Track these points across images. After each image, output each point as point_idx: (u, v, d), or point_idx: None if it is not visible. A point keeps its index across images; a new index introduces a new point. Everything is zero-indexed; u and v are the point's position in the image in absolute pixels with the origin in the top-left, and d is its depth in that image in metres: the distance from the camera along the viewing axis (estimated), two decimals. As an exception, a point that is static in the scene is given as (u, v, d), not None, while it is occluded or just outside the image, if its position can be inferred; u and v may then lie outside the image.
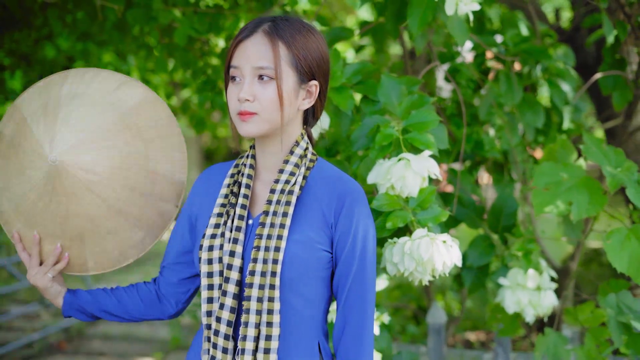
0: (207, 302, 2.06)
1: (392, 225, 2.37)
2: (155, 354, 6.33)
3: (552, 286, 3.07)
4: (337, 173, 2.13)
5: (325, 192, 2.07)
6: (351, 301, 2.07)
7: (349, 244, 2.05)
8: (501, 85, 3.38)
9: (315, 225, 2.05)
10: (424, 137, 2.49)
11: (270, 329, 2.00)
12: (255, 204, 2.13)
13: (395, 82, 2.65)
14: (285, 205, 2.04)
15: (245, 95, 2.00)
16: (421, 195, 2.43)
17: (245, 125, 2.03)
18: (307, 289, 2.05)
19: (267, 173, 2.14)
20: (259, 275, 1.99)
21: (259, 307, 2.00)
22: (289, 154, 2.10)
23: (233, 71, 2.04)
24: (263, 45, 2.01)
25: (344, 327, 2.07)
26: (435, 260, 2.33)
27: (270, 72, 2.00)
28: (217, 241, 2.06)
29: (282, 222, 2.02)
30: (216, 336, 2.03)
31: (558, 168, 2.82)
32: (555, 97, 3.54)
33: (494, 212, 3.18)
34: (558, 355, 3.03)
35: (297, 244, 2.02)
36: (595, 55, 4.83)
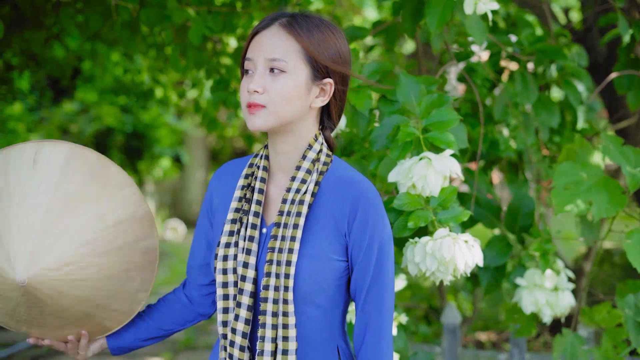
0: (223, 312, 2.03)
1: (414, 224, 2.36)
2: (164, 354, 6.33)
3: (569, 286, 3.05)
4: (349, 174, 2.07)
5: (337, 199, 2.02)
6: (370, 306, 2.03)
7: (365, 250, 2.00)
8: (517, 84, 3.37)
9: (329, 235, 2.00)
10: (444, 136, 2.47)
11: (286, 344, 1.97)
12: (269, 209, 2.08)
13: (414, 82, 2.63)
14: (295, 217, 1.99)
15: (255, 86, 1.96)
16: (442, 194, 2.42)
17: (253, 119, 1.98)
18: (323, 299, 2.02)
19: (281, 175, 2.09)
20: (273, 290, 1.96)
21: (275, 322, 1.97)
22: (302, 159, 2.05)
23: (247, 64, 2.01)
24: (277, 37, 1.98)
25: (364, 334, 2.03)
26: (457, 260, 2.32)
27: (282, 64, 1.96)
28: (231, 251, 2.03)
29: (293, 235, 1.97)
30: (232, 347, 2.01)
31: (577, 168, 2.80)
32: (570, 96, 3.52)
33: (510, 212, 3.16)
34: (576, 356, 3.01)
35: (310, 258, 1.97)
36: (607, 55, 4.81)
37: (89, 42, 5.80)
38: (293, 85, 1.97)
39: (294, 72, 1.97)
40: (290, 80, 1.97)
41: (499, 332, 5.69)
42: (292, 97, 1.98)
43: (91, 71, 7.79)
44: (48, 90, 9.34)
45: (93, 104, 10.24)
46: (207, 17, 3.54)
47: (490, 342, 5.46)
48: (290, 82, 1.97)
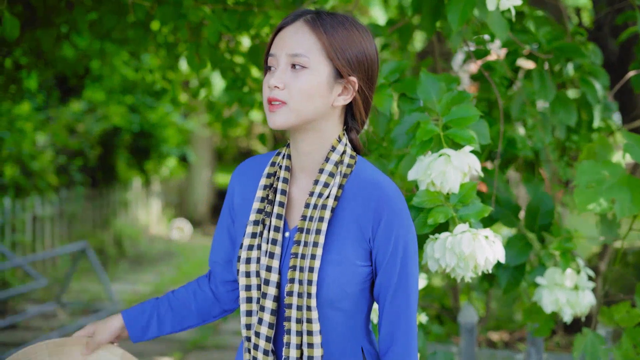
0: (246, 315, 2.02)
1: (434, 221, 2.34)
2: (174, 354, 6.31)
3: (589, 285, 3.04)
4: (374, 177, 2.03)
5: (361, 203, 1.99)
6: (395, 310, 2.01)
7: (390, 255, 1.98)
8: (535, 83, 3.35)
9: (353, 240, 1.98)
10: (465, 133, 2.46)
11: (312, 350, 1.95)
12: (291, 211, 2.06)
13: (435, 80, 2.62)
14: (318, 222, 1.96)
15: (276, 82, 1.93)
16: (462, 190, 2.40)
17: (273, 116, 1.96)
18: (347, 304, 2.00)
19: (303, 176, 2.06)
20: (297, 296, 1.94)
21: (299, 328, 1.95)
22: (325, 162, 2.01)
23: (270, 60, 1.99)
24: (300, 32, 1.96)
25: (391, 338, 2.02)
26: (477, 255, 2.30)
27: (303, 60, 1.93)
28: (254, 253, 2.00)
29: (316, 241, 1.94)
30: (256, 350, 1.99)
31: (599, 166, 2.79)
32: (589, 95, 3.50)
33: (530, 211, 3.15)
34: (596, 355, 3.00)
35: (333, 265, 1.95)
36: (619, 54, 4.80)
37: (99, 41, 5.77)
38: (314, 81, 1.95)
39: (315, 69, 1.94)
40: (311, 76, 1.94)
41: (511, 332, 5.68)
42: (313, 94, 1.95)
43: (99, 70, 7.78)
44: (55, 90, 9.34)
45: (100, 104, 10.23)
46: (223, 15, 3.52)
47: (502, 341, 5.45)
48: (312, 78, 1.94)
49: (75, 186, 10.12)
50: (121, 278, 9.36)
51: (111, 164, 11.04)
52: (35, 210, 8.94)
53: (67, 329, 6.72)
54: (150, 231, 12.35)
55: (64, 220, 9.80)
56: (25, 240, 8.71)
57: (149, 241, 11.84)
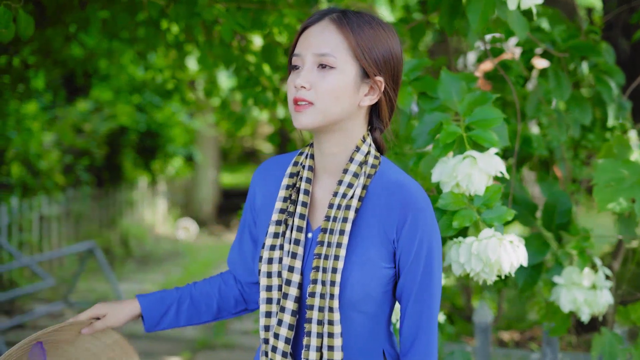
0: (265, 316, 1.99)
1: (459, 224, 2.33)
2: (183, 353, 6.31)
3: (607, 284, 3.03)
4: (398, 178, 2.01)
5: (385, 204, 1.97)
6: (417, 312, 2.00)
7: (413, 257, 1.96)
8: (550, 81, 3.34)
9: (376, 241, 1.96)
10: (487, 135, 2.45)
11: (332, 353, 1.93)
12: (314, 212, 2.04)
13: (456, 79, 2.61)
14: (342, 222, 1.94)
15: (302, 82, 1.91)
16: (487, 193, 2.39)
17: (299, 117, 1.93)
18: (370, 306, 1.98)
19: (326, 176, 2.04)
20: (319, 297, 1.92)
21: (320, 330, 1.93)
22: (349, 162, 1.99)
23: (295, 59, 1.97)
24: (327, 32, 1.93)
25: (412, 340, 2.00)
26: (503, 260, 2.30)
27: (330, 60, 1.91)
28: (276, 254, 1.99)
29: (339, 241, 1.92)
30: (274, 352, 1.97)
31: (618, 165, 2.78)
32: (604, 94, 3.49)
33: (547, 210, 3.13)
34: (614, 355, 2.99)
35: (357, 266, 1.93)
36: (630, 53, 4.79)
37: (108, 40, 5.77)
38: (342, 82, 1.92)
39: (342, 69, 1.92)
40: (338, 76, 1.92)
41: (522, 332, 5.67)
42: (340, 95, 1.93)
43: (107, 70, 7.78)
44: (62, 89, 9.34)
45: (107, 103, 10.23)
46: (237, 13, 3.51)
47: (513, 341, 5.44)
48: (339, 78, 1.92)
49: (82, 186, 10.12)
50: (128, 278, 9.36)
51: (117, 164, 11.04)
52: (42, 210, 8.94)
53: (75, 329, 6.71)
54: (156, 231, 12.35)
55: (71, 219, 9.79)
56: (32, 240, 8.70)
57: (155, 241, 11.83)
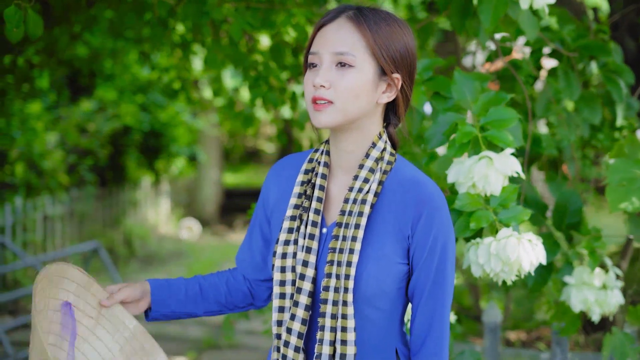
0: (278, 312, 1.99)
1: (476, 225, 2.34)
2: (188, 353, 6.31)
3: (618, 284, 3.03)
4: (414, 175, 2.02)
5: (401, 200, 1.97)
6: (429, 310, 1.99)
7: (427, 254, 1.96)
8: (560, 81, 3.34)
9: (391, 238, 1.96)
10: (503, 135, 2.45)
11: (345, 347, 1.93)
12: (329, 208, 2.04)
13: (469, 79, 2.61)
14: (357, 217, 1.94)
15: (321, 81, 1.91)
16: (503, 194, 2.39)
17: (318, 115, 1.94)
18: (384, 302, 1.98)
19: (342, 173, 2.04)
20: (333, 291, 1.92)
21: (334, 324, 1.93)
22: (365, 157, 2.00)
23: (312, 57, 1.96)
24: (345, 30, 1.93)
25: (424, 338, 2.00)
26: (522, 260, 2.31)
27: (350, 58, 1.91)
28: (291, 248, 1.99)
29: (354, 235, 1.93)
30: (286, 347, 1.96)
31: (630, 164, 2.77)
32: (614, 93, 3.49)
33: (558, 210, 3.14)
34: (625, 355, 2.99)
35: (372, 260, 1.94)
36: (636, 53, 4.79)
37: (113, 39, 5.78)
38: (361, 80, 1.93)
39: (361, 67, 1.92)
40: (358, 75, 1.92)
41: (528, 332, 5.66)
42: (359, 93, 1.93)
43: (111, 69, 7.78)
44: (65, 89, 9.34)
45: (111, 103, 10.23)
46: (246, 13, 3.51)
47: (520, 341, 5.44)
48: (358, 77, 1.92)
49: (86, 186, 10.11)
50: (132, 278, 9.35)
51: (121, 164, 11.03)
52: (46, 210, 8.94)
53: (80, 329, 6.71)
54: (159, 231, 12.34)
55: (74, 219, 9.79)
56: (36, 240, 8.69)
57: (158, 241, 11.83)
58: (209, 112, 12.23)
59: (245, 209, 16.14)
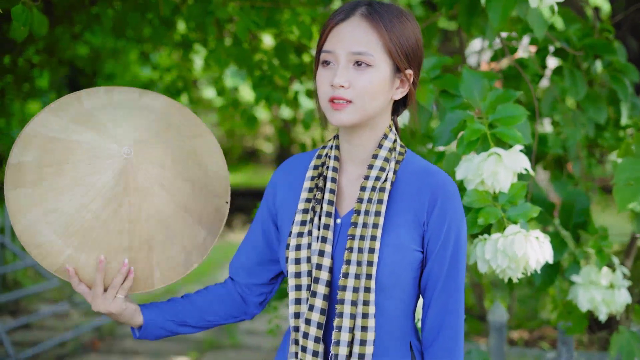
0: (295, 304, 1.98)
1: (484, 221, 2.34)
2: (190, 353, 6.30)
3: (625, 284, 3.03)
4: (427, 165, 2.04)
5: (415, 188, 1.99)
6: (443, 299, 1.99)
7: (442, 241, 1.97)
8: (566, 80, 3.34)
9: (407, 224, 1.97)
10: (511, 132, 2.45)
11: (365, 334, 1.93)
12: (341, 200, 2.04)
13: (478, 77, 2.61)
14: (377, 204, 1.95)
15: (340, 81, 1.91)
16: (512, 190, 2.39)
17: (338, 115, 1.94)
18: (400, 292, 1.98)
19: (352, 166, 2.05)
20: (353, 278, 1.92)
21: (353, 311, 1.93)
22: (378, 148, 2.01)
23: (326, 56, 1.96)
24: (361, 29, 1.93)
25: (439, 328, 2.00)
26: (529, 256, 2.31)
27: (367, 58, 1.92)
28: (305, 240, 1.99)
29: (375, 222, 1.94)
30: (305, 339, 1.96)
31: (638, 163, 2.77)
32: (619, 92, 3.49)
33: (565, 209, 3.14)
34: (632, 353, 2.99)
35: (391, 248, 1.94)
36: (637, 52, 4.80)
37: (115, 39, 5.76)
38: (378, 79, 1.94)
39: (379, 66, 1.94)
40: (376, 74, 1.93)
41: (531, 331, 5.66)
42: (377, 92, 1.95)
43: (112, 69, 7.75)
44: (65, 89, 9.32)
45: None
46: (251, 12, 3.50)
47: (522, 340, 5.43)
48: (376, 76, 1.94)
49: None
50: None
51: (120, 163, 11.00)
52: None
53: (81, 329, 6.71)
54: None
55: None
56: (36, 240, 8.67)
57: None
58: (208, 111, 12.21)
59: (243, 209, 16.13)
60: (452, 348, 2.00)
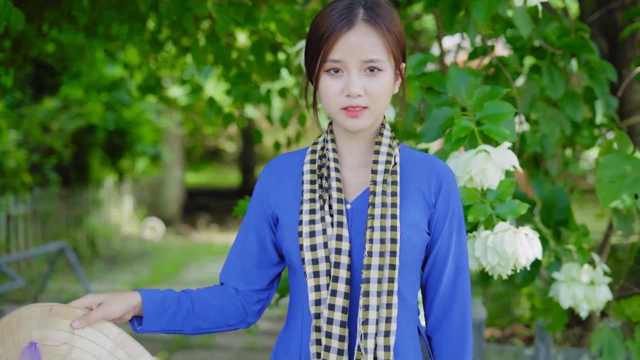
0: (315, 291, 1.98)
1: (474, 219, 2.35)
2: (159, 353, 6.24)
3: (605, 280, 3.05)
4: (425, 154, 2.11)
5: (419, 172, 2.05)
6: (451, 282, 2.06)
7: (448, 222, 2.04)
8: (544, 78, 3.36)
9: (418, 206, 2.02)
10: (499, 129, 2.46)
11: (390, 311, 1.95)
12: (344, 189, 2.06)
13: (464, 74, 2.61)
14: (392, 185, 2.00)
15: (357, 90, 1.94)
16: (500, 187, 2.40)
17: (355, 121, 1.98)
18: (411, 272, 2.03)
19: (350, 157, 2.08)
20: (378, 256, 1.94)
21: (379, 289, 1.94)
22: (379, 136, 2.06)
23: (334, 64, 1.96)
24: (369, 37, 1.95)
25: (444, 313, 2.05)
26: (519, 253, 2.32)
27: (379, 64, 1.95)
28: (319, 226, 1.99)
29: (393, 202, 1.99)
30: (330, 324, 1.94)
31: (621, 161, 2.79)
32: (596, 90, 3.52)
33: (546, 207, 3.15)
34: (613, 350, 3.01)
35: (407, 226, 1.99)
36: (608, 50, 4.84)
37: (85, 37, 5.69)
38: (389, 81, 1.99)
39: (387, 68, 1.98)
40: (386, 76, 1.98)
41: (502, 329, 5.70)
42: (389, 93, 2.01)
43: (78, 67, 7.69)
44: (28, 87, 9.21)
45: (75, 101, 10.11)
46: (229, 9, 3.48)
47: (494, 338, 5.47)
48: (387, 78, 1.98)
49: (49, 185, 9.99)
50: (97, 278, 9.26)
51: (85, 163, 10.92)
52: (9, 210, 8.81)
53: (48, 330, 6.62)
54: (122, 230, 12.24)
55: (38, 219, 9.66)
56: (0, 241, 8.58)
57: (122, 240, 11.73)
58: (173, 111, 12.15)
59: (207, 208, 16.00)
60: (461, 329, 2.06)
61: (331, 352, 1.94)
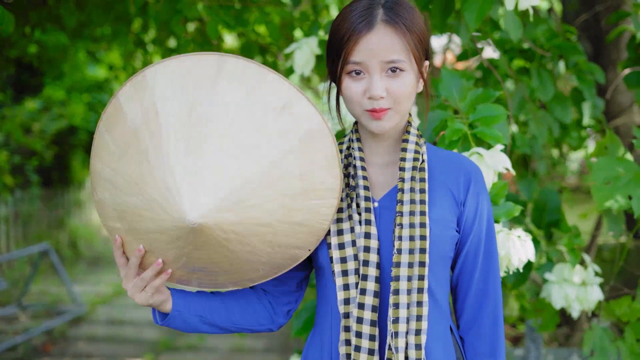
0: (344, 289, 1.95)
1: (469, 221, 2.35)
2: (146, 355, 6.23)
3: (597, 281, 3.06)
4: (453, 152, 2.12)
5: (448, 170, 2.05)
6: (483, 279, 2.06)
7: (477, 220, 2.04)
8: (534, 80, 3.37)
9: (446, 203, 2.02)
10: (492, 131, 2.46)
11: (420, 309, 1.93)
12: (371, 188, 2.06)
13: (456, 76, 2.62)
14: (420, 182, 2.00)
15: (379, 92, 1.93)
16: (493, 190, 2.41)
17: (381, 123, 1.97)
18: (441, 270, 2.02)
19: (376, 156, 2.09)
20: (407, 253, 1.93)
21: (409, 287, 1.93)
22: (406, 134, 2.06)
23: (354, 66, 1.95)
24: (389, 38, 1.93)
25: (477, 312, 2.05)
26: (512, 255, 2.32)
27: (402, 64, 1.94)
28: (346, 224, 1.98)
29: (422, 199, 1.97)
30: (360, 324, 1.92)
31: (614, 162, 2.80)
32: (585, 91, 3.54)
33: (537, 208, 3.16)
34: (605, 350, 3.02)
35: (436, 223, 1.98)
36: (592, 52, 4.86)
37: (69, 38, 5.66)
38: (412, 81, 1.97)
39: (409, 69, 1.96)
40: (409, 77, 1.96)
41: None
42: (412, 92, 1.99)
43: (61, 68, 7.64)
44: (9, 88, 9.16)
45: (58, 102, 10.06)
46: (220, 11, 3.47)
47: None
48: (409, 78, 1.97)
49: (31, 186, 9.93)
50: (80, 279, 9.22)
51: (66, 164, 10.86)
52: (-9, 211, 8.77)
53: (31, 332, 6.60)
54: (104, 231, 12.18)
55: (19, 221, 9.61)
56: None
57: (104, 242, 11.68)
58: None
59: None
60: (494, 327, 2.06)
61: (361, 352, 1.92)
